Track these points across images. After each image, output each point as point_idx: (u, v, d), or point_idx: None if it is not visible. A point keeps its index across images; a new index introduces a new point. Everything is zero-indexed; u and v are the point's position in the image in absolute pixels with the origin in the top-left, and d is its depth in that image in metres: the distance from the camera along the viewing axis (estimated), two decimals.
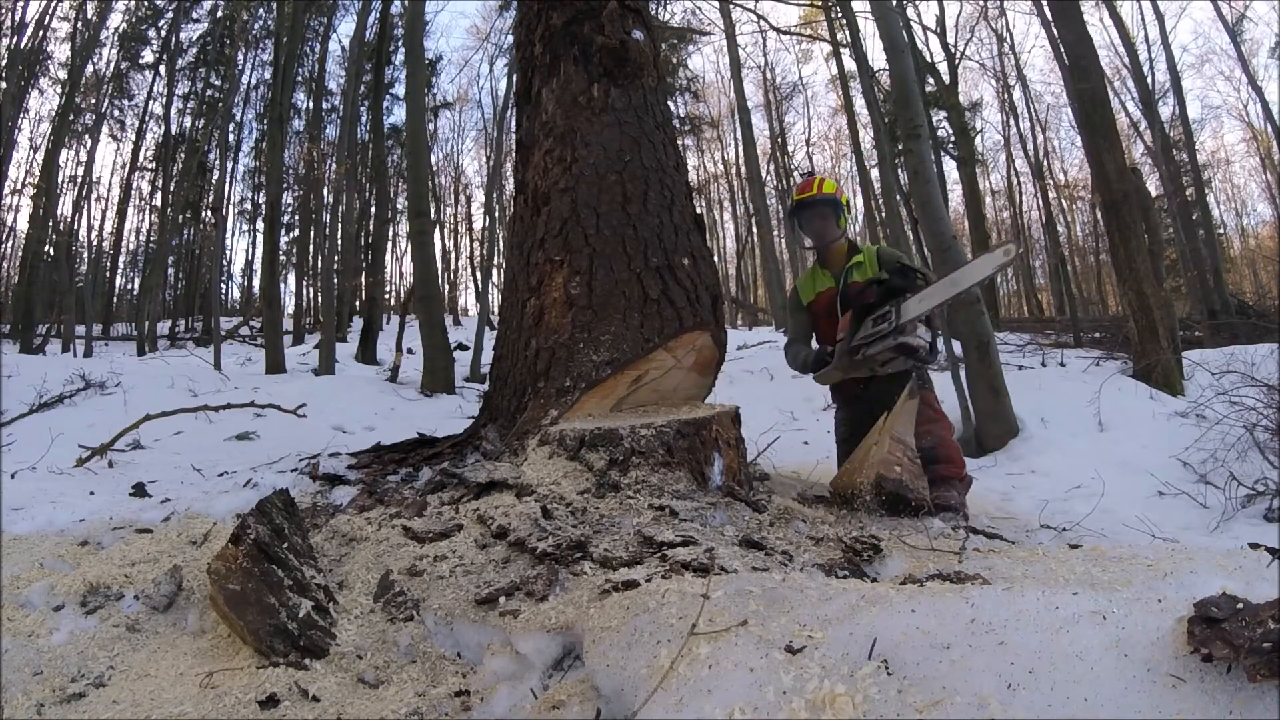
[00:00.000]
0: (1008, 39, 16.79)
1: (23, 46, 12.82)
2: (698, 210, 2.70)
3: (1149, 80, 12.50)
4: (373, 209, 15.97)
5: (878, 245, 3.02)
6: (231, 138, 18.71)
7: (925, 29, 13.81)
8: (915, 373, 2.50)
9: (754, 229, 18.94)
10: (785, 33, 15.33)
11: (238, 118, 19.26)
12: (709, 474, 1.90)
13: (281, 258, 15.97)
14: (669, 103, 3.16)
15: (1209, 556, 1.17)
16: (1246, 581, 1.03)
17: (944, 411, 2.71)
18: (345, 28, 20.16)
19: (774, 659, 0.83)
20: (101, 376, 5.71)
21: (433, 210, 18.02)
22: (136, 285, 20.47)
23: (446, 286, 24.90)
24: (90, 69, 15.61)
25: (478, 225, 25.56)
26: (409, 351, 8.18)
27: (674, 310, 2.31)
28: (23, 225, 16.70)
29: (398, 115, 16.08)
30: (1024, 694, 0.68)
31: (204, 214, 20.07)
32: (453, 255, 27.30)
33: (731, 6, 13.74)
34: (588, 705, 0.94)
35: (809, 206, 2.83)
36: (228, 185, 18.73)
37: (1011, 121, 19.53)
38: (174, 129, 18.59)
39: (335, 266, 13.51)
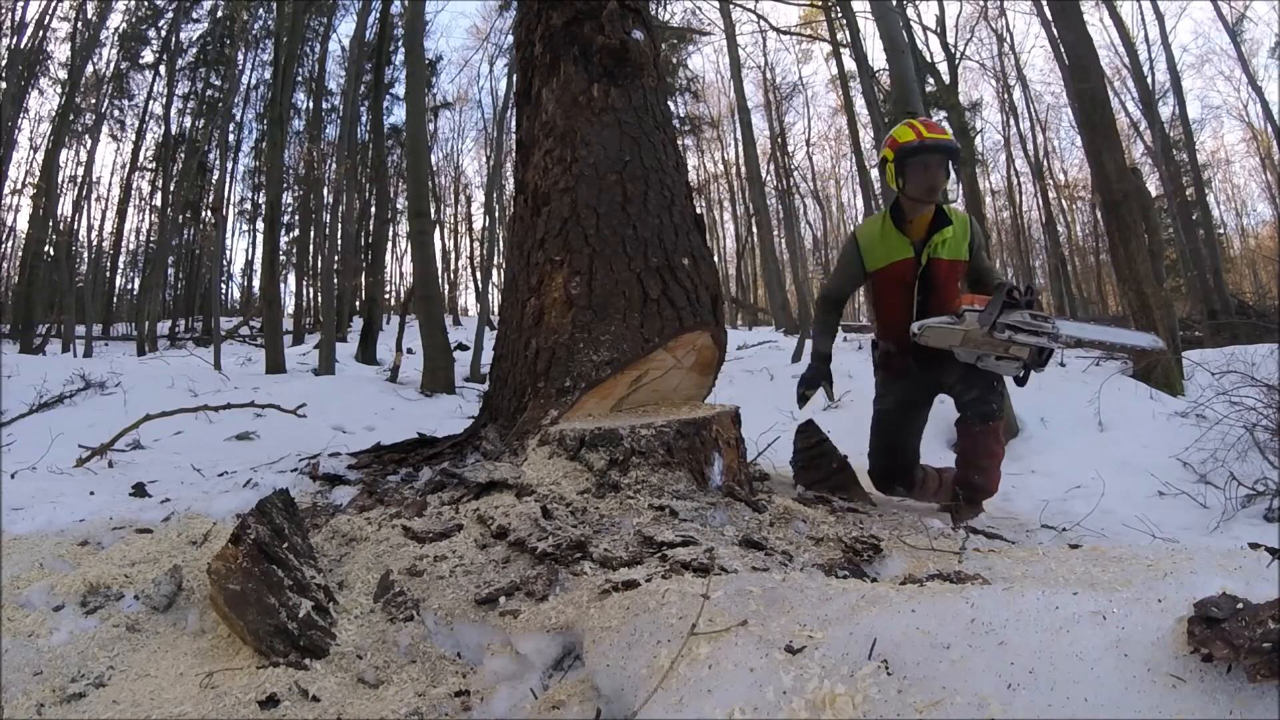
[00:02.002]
0: (1008, 39, 16.83)
1: (23, 46, 12.83)
2: (698, 210, 2.69)
3: (1149, 80, 12.53)
4: (373, 209, 15.96)
5: (966, 214, 2.57)
6: (231, 138, 18.71)
7: (925, 29, 13.81)
8: (997, 400, 2.40)
9: (754, 229, 18.92)
10: (785, 33, 15.37)
11: (238, 118, 19.27)
12: (709, 474, 1.90)
13: (281, 258, 15.95)
14: (669, 103, 3.15)
15: (1209, 556, 1.17)
16: (1246, 581, 1.03)
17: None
18: (345, 28, 20.11)
19: (774, 659, 0.83)
20: (101, 376, 5.70)
21: (433, 210, 18.01)
22: (136, 285, 20.48)
23: (446, 286, 24.90)
24: (90, 69, 15.61)
25: (478, 225, 25.57)
26: (409, 351, 8.17)
27: (674, 310, 2.31)
28: (23, 225, 16.70)
29: (398, 115, 16.08)
30: (1024, 694, 0.68)
31: (204, 214, 20.07)
32: (453, 255, 27.31)
33: (731, 6, 13.74)
34: (588, 705, 0.94)
35: (931, 151, 2.32)
36: (228, 185, 18.75)
37: (1011, 121, 19.56)
38: (174, 129, 18.59)
39: (335, 266, 13.49)
